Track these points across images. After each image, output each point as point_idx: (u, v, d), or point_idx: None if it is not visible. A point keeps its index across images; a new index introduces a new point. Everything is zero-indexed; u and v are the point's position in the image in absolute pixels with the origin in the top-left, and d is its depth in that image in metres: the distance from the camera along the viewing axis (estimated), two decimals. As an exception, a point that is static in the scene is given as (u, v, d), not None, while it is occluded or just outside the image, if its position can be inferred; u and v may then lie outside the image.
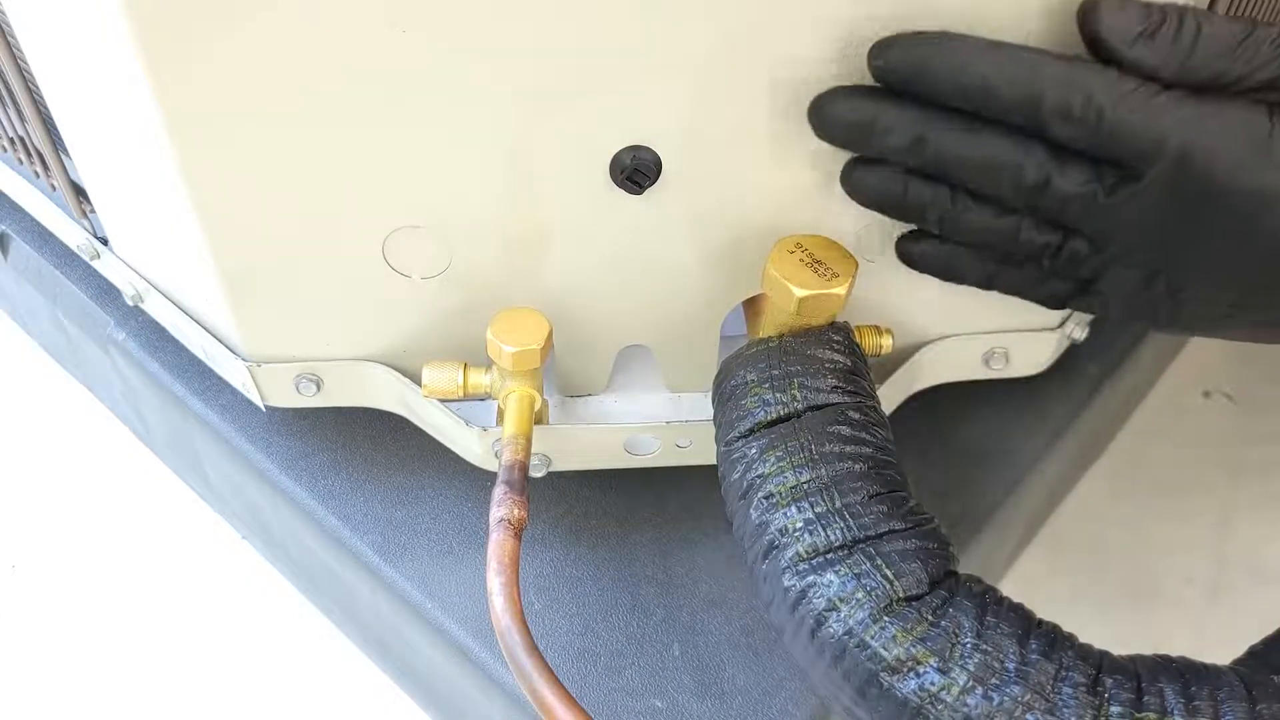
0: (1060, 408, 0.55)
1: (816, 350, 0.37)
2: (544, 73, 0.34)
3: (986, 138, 0.34)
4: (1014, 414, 0.55)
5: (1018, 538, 0.65)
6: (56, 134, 0.46)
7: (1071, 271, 0.37)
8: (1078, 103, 0.32)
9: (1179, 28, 0.31)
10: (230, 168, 0.37)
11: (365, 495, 0.51)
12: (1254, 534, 0.70)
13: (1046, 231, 0.36)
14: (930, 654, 0.31)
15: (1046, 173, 0.33)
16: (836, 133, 0.36)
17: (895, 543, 0.33)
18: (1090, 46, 0.33)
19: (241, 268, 0.41)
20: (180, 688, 0.62)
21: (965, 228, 0.36)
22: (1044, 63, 0.32)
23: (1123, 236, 0.34)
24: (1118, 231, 0.34)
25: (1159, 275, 0.35)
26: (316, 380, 0.45)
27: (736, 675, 0.45)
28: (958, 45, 0.33)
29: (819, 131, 0.36)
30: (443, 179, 0.37)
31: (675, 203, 0.38)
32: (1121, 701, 0.30)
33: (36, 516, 0.69)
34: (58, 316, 0.64)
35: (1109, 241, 0.35)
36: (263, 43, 0.33)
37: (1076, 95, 0.32)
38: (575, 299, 0.42)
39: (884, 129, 0.34)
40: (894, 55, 0.34)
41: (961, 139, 0.34)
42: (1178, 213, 0.33)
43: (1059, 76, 0.32)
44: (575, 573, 0.48)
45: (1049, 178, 0.33)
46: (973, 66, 0.33)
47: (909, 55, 0.33)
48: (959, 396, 0.50)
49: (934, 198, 0.36)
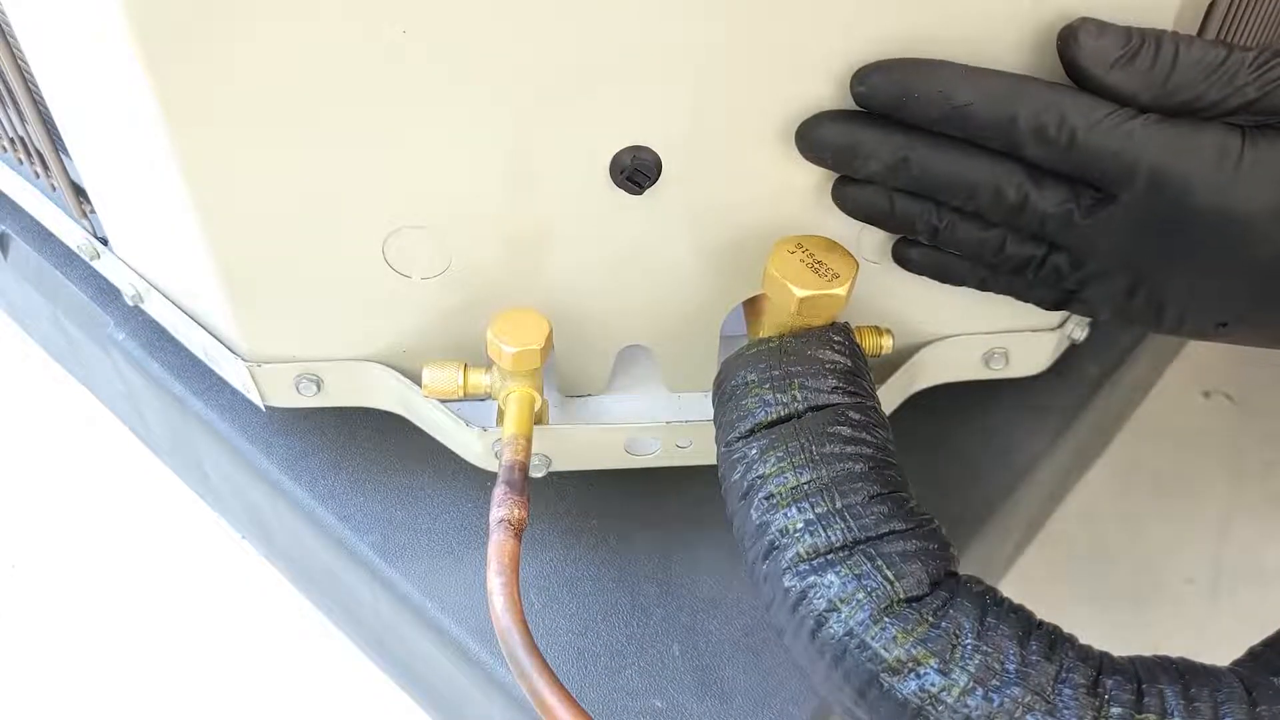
0: (1060, 408, 0.55)
1: (817, 351, 0.37)
2: (544, 73, 0.34)
3: (967, 158, 0.34)
4: (1014, 414, 0.55)
5: (1018, 538, 0.65)
6: (56, 134, 0.46)
7: (1055, 282, 0.37)
8: (1052, 124, 0.33)
9: (1156, 52, 0.32)
10: (230, 168, 0.37)
11: (365, 495, 0.51)
12: (1254, 534, 0.70)
13: (1030, 245, 0.36)
14: (931, 655, 0.31)
15: (1025, 192, 0.34)
16: (822, 156, 0.36)
17: (896, 543, 0.33)
18: (1069, 72, 0.33)
19: (241, 268, 0.41)
20: (180, 687, 0.62)
21: (953, 240, 0.37)
22: (1020, 86, 0.33)
23: (1100, 254, 0.35)
24: (1095, 250, 0.35)
25: (1140, 289, 0.36)
26: (316, 380, 0.45)
27: (736, 675, 0.45)
28: (936, 69, 0.34)
29: (806, 154, 0.37)
30: (443, 179, 0.37)
31: (675, 203, 0.38)
32: (1122, 703, 0.30)
33: (36, 516, 0.69)
34: (58, 316, 0.64)
35: (1088, 258, 0.36)
36: (263, 43, 0.33)
37: (1051, 117, 0.33)
38: (575, 299, 0.42)
39: (867, 153, 0.35)
40: (875, 80, 0.34)
41: (942, 160, 0.35)
42: (1153, 233, 0.34)
43: (1034, 99, 0.33)
44: (575, 573, 0.48)
45: (1027, 196, 0.34)
46: (951, 89, 0.33)
47: (889, 79, 0.34)
48: (959, 396, 0.50)
49: (921, 213, 0.37)
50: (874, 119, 0.35)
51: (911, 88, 0.34)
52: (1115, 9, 0.33)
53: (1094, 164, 0.33)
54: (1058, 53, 0.33)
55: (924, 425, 0.52)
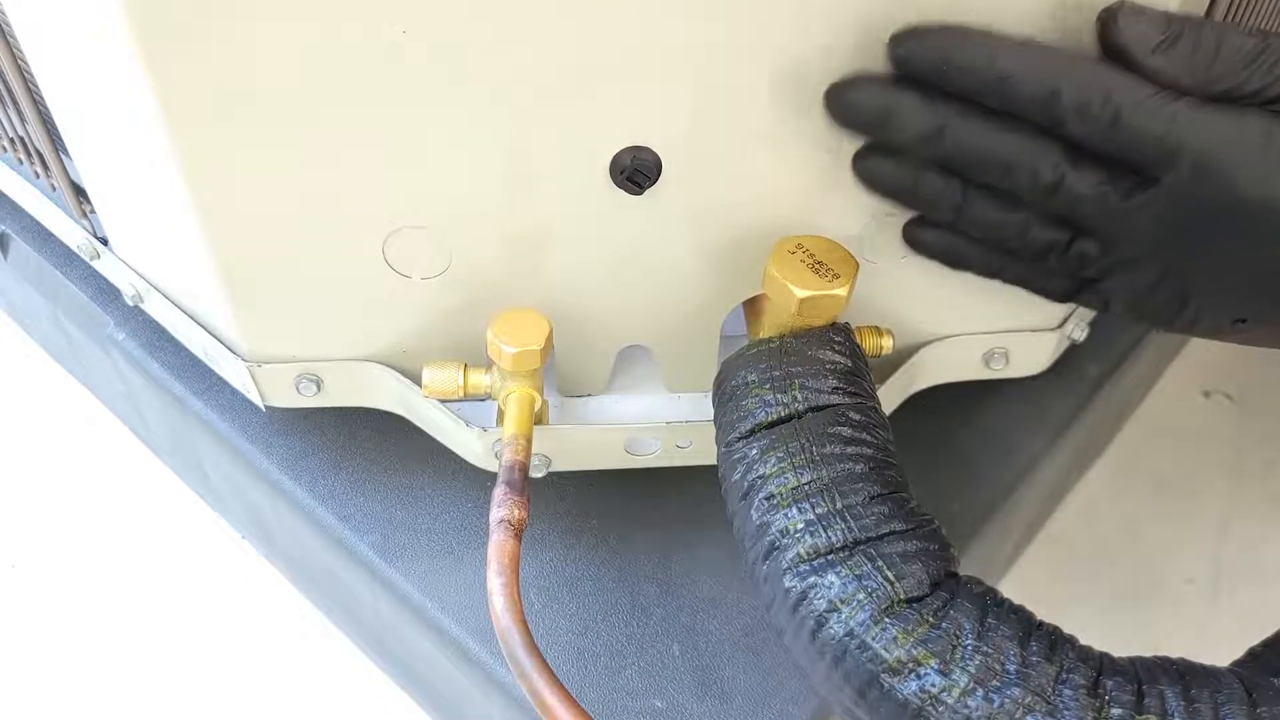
0: (1060, 408, 0.55)
1: (817, 351, 0.37)
2: (544, 73, 0.34)
3: (1004, 133, 0.34)
4: (1014, 414, 0.55)
5: (1018, 538, 0.65)
6: (56, 134, 0.46)
7: (1077, 270, 0.37)
8: (1096, 101, 0.32)
9: (1198, 38, 0.31)
10: (230, 168, 0.37)
11: (365, 495, 0.51)
12: (1254, 534, 0.70)
13: (1055, 229, 0.36)
14: (931, 655, 0.31)
15: (1061, 172, 0.34)
16: (854, 119, 0.35)
17: (896, 544, 0.33)
18: (1109, 54, 0.33)
19: (241, 268, 0.41)
20: (180, 687, 0.62)
21: (975, 221, 0.36)
22: (1065, 60, 0.32)
23: (1133, 240, 0.35)
24: (1129, 235, 0.34)
25: (1166, 279, 0.35)
26: (316, 380, 0.45)
27: (736, 675, 0.45)
28: (981, 38, 0.33)
29: (836, 116, 0.36)
30: (443, 179, 0.37)
31: (675, 203, 0.38)
32: (1122, 704, 0.30)
33: (36, 516, 0.69)
34: (58, 316, 0.64)
35: (1119, 244, 0.35)
36: (263, 42, 0.33)
37: (1095, 94, 0.32)
38: (575, 299, 0.42)
39: (902, 118, 0.34)
40: (916, 44, 0.33)
41: (980, 132, 0.34)
42: (1191, 220, 0.33)
43: (1079, 74, 0.32)
44: (575, 573, 0.48)
45: (1063, 177, 0.34)
46: (995, 59, 0.33)
47: (932, 45, 0.33)
48: (959, 396, 0.50)
49: (946, 189, 0.36)
50: (910, 85, 0.34)
51: (952, 55, 0.33)
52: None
53: (1137, 145, 0.32)
54: (1098, 35, 0.33)
55: (924, 425, 0.52)
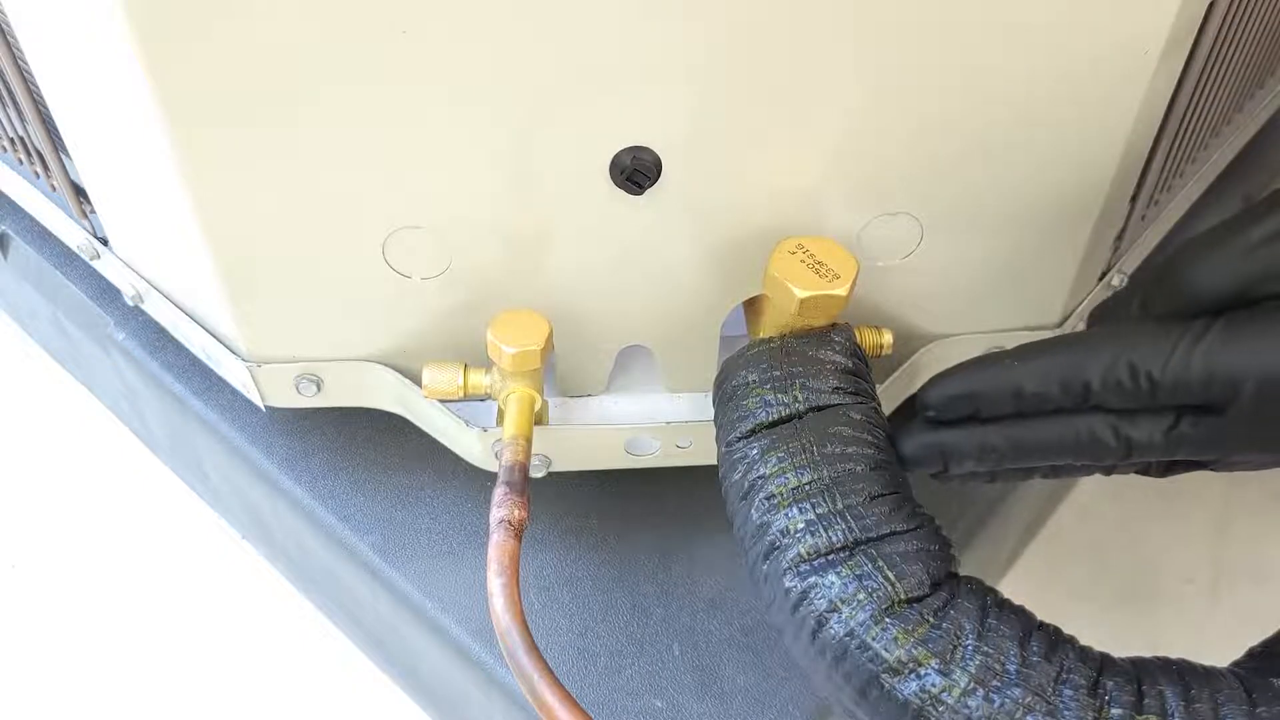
0: (1060, 408, 0.55)
1: (818, 351, 0.37)
2: (544, 73, 0.34)
3: (1054, 426, 0.34)
4: (1014, 414, 0.54)
5: (1018, 538, 0.65)
6: (56, 134, 0.46)
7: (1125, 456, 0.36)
8: (1126, 378, 0.32)
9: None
10: (230, 168, 0.37)
11: (365, 495, 0.51)
12: (1254, 534, 0.70)
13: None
14: (931, 655, 0.31)
15: (1125, 434, 0.34)
16: (913, 466, 0.36)
17: (897, 544, 0.33)
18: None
19: (241, 268, 0.41)
20: (180, 688, 0.62)
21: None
22: (1080, 351, 0.33)
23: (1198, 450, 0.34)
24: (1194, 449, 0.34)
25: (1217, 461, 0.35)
26: (316, 380, 0.45)
27: (736, 675, 0.45)
28: (995, 369, 0.34)
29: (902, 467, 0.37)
30: (443, 179, 0.37)
31: (675, 203, 0.38)
32: (1122, 704, 0.30)
33: (36, 516, 0.69)
34: (58, 316, 0.64)
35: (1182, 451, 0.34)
36: (263, 42, 0.33)
37: (1122, 372, 0.32)
38: (575, 299, 0.42)
39: (959, 450, 0.36)
40: (936, 396, 0.35)
41: (1030, 434, 0.35)
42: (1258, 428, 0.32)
43: (1099, 360, 0.32)
44: (575, 573, 0.48)
45: (1128, 438, 0.33)
46: (1019, 383, 0.33)
47: (951, 393, 0.35)
48: (959, 397, 0.50)
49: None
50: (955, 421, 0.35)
51: (975, 392, 0.34)
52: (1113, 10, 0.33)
53: (1185, 394, 0.32)
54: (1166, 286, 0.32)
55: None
